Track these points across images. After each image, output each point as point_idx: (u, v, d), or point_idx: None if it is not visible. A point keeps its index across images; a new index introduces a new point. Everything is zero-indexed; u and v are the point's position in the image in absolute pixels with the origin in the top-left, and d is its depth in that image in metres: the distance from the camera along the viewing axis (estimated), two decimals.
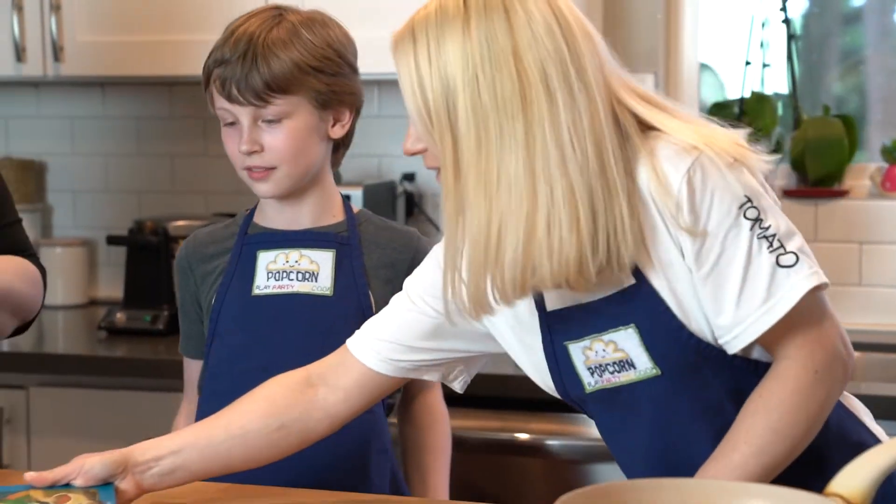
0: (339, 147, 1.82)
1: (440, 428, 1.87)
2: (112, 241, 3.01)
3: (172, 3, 2.86)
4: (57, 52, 2.87)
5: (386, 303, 1.74)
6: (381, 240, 1.81)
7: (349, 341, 1.54)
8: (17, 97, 3.28)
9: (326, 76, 1.74)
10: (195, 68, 2.86)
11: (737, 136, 1.37)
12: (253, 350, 1.76)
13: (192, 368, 1.88)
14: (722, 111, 3.08)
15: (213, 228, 1.89)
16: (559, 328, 1.41)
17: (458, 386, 1.56)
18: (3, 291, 1.69)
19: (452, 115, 1.31)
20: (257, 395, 1.53)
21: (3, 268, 1.75)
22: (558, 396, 1.47)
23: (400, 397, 1.88)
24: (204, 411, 1.78)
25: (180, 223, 2.99)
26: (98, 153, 3.29)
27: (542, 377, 1.46)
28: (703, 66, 3.16)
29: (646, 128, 1.36)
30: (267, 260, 1.79)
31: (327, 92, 1.74)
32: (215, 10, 2.81)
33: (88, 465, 1.44)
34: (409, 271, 1.75)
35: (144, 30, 2.87)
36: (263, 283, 1.78)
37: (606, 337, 1.38)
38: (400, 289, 1.75)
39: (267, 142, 1.73)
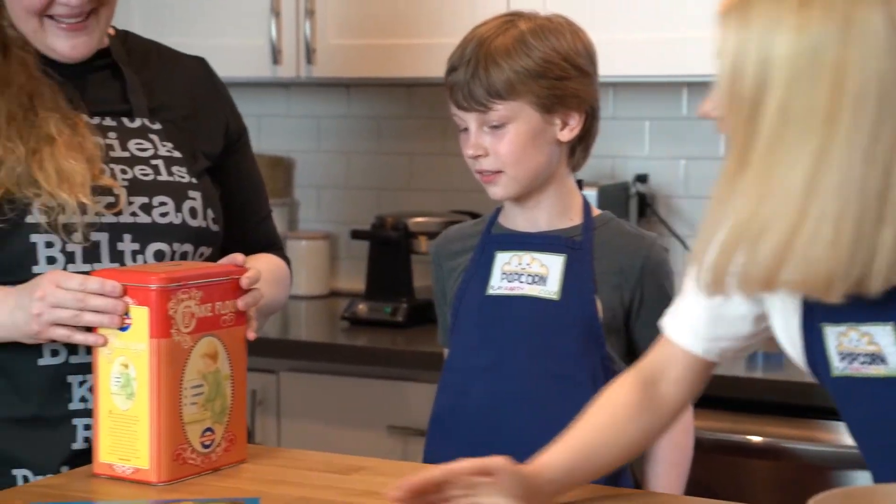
0: (576, 150, 1.84)
1: (681, 439, 1.85)
2: (356, 235, 3.15)
3: (415, 8, 2.97)
4: (310, 55, 3.03)
5: (612, 310, 1.78)
6: (615, 245, 1.81)
7: (671, 333, 1.54)
8: (269, 97, 3.47)
9: (549, 80, 1.77)
10: (434, 71, 2.98)
11: None
12: (481, 349, 1.81)
13: None
14: None
15: (464, 225, 1.95)
16: (820, 308, 1.41)
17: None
18: (260, 309, 1.75)
19: (760, 108, 1.31)
20: (610, 404, 1.55)
21: (265, 278, 1.78)
22: (811, 374, 1.46)
23: None
24: (440, 402, 1.85)
25: (420, 219, 3.10)
26: (341, 151, 3.44)
27: (797, 352, 1.46)
28: None
29: None
30: (503, 261, 1.83)
31: (550, 96, 1.77)
32: (456, 15, 2.91)
33: (503, 477, 1.43)
34: (638, 278, 1.79)
35: (388, 34, 3.00)
36: (497, 284, 1.82)
37: (863, 328, 1.38)
38: (628, 295, 1.77)
39: (491, 146, 1.78)
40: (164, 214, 1.74)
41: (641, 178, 3.05)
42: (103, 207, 1.69)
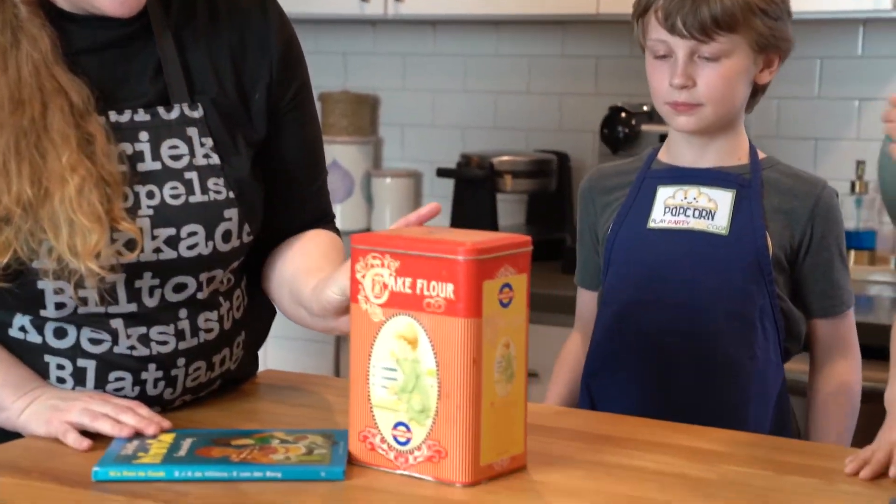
0: (757, 93, 1.81)
1: (844, 403, 1.80)
2: (441, 173, 3.16)
3: None
4: None
5: (781, 247, 1.75)
6: (785, 185, 1.78)
7: None
8: (356, 34, 3.47)
9: (769, 19, 1.73)
10: (525, 8, 2.97)
11: None
12: (642, 282, 1.78)
13: (584, 299, 1.90)
14: None
15: (619, 163, 1.91)
16: None
17: None
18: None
19: None
20: None
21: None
22: None
23: (810, 365, 1.84)
24: (597, 340, 1.83)
25: (505, 158, 3.10)
26: (427, 89, 3.44)
27: None
28: None
29: None
30: (666, 195, 1.80)
31: (768, 36, 1.73)
32: None
33: None
34: (808, 219, 1.75)
35: None
36: (659, 217, 1.79)
37: None
38: (797, 235, 1.74)
39: (700, 78, 1.72)
40: (192, 247, 1.55)
41: None
42: (122, 245, 1.50)
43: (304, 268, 1.64)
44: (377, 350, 1.36)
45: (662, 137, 2.75)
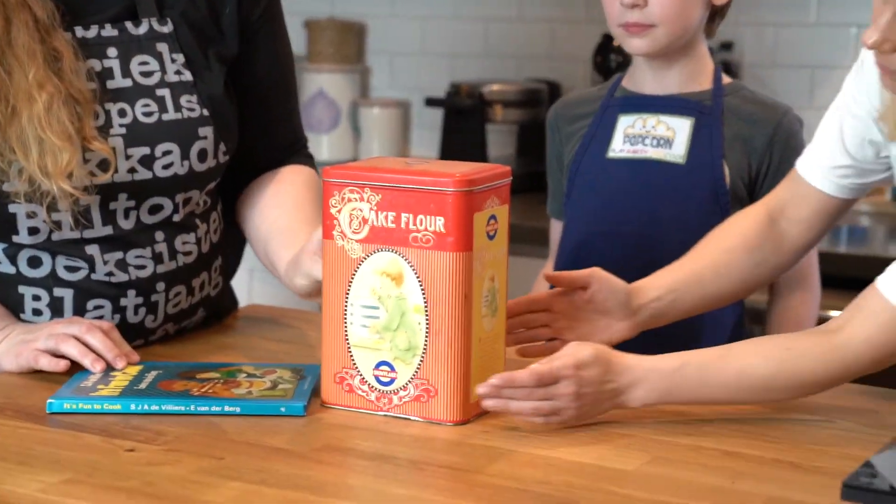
0: (716, 16, 1.78)
1: (807, 298, 1.78)
2: (430, 102, 3.10)
3: None
4: None
5: (739, 177, 1.73)
6: (745, 112, 1.75)
7: (801, 168, 1.48)
8: None
9: None
10: None
11: None
12: (603, 213, 1.78)
13: (556, 228, 1.89)
14: None
15: (586, 91, 1.90)
16: None
17: None
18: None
19: None
20: (730, 232, 1.53)
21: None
22: None
23: (769, 294, 1.82)
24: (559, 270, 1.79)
25: (495, 87, 3.04)
26: (415, 16, 3.37)
27: None
28: None
29: None
30: (626, 124, 1.78)
31: None
32: None
33: (600, 286, 1.44)
34: (767, 147, 1.73)
35: None
36: (619, 147, 1.78)
37: None
38: (755, 164, 1.71)
39: None
40: (167, 166, 1.51)
41: (726, 46, 2.95)
42: (95, 166, 1.45)
43: (277, 228, 1.60)
44: (356, 288, 1.30)
45: None
